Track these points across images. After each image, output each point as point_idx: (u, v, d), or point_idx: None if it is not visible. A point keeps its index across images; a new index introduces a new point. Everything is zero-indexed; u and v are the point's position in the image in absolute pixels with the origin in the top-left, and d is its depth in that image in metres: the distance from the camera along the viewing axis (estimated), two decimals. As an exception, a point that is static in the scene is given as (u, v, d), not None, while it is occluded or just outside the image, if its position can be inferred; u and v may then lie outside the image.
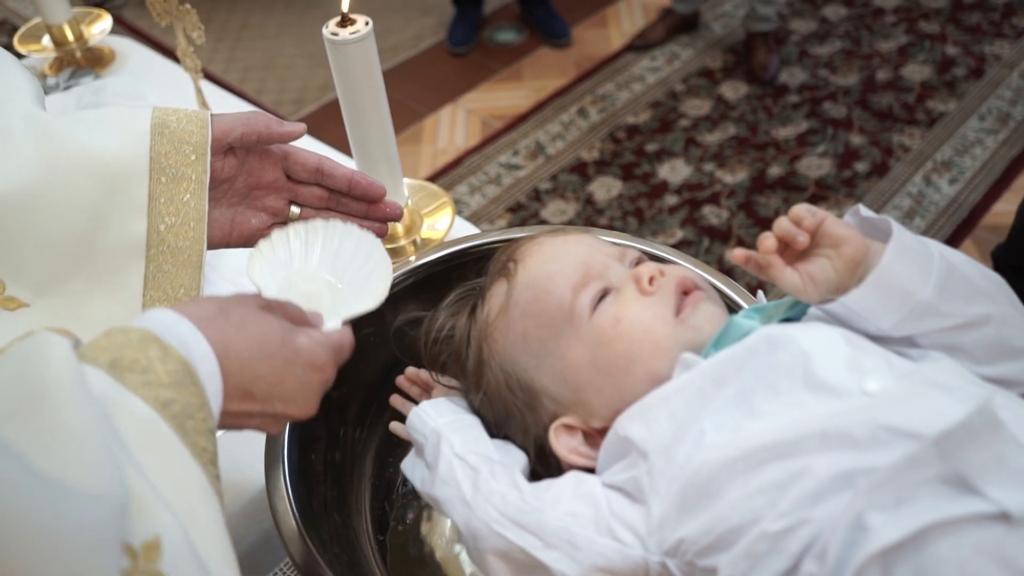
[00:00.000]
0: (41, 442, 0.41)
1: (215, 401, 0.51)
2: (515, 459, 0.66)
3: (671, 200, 2.51)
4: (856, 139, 2.66)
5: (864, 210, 0.61)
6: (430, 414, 0.68)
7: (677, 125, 2.80)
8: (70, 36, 1.46)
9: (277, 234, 0.68)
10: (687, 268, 0.69)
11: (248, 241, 0.73)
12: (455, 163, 2.72)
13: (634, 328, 0.62)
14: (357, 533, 0.79)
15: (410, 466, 0.70)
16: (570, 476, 0.61)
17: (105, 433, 0.43)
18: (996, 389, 0.54)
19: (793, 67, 3.01)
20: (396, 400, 0.78)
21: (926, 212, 2.40)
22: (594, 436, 0.64)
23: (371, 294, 0.67)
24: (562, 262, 0.67)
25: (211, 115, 0.71)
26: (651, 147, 2.71)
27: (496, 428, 0.70)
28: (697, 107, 2.87)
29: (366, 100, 0.91)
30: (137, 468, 0.43)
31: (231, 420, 0.55)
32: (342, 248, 0.69)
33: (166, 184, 0.67)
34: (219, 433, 0.51)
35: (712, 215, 2.45)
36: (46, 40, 1.47)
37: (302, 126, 0.72)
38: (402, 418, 0.74)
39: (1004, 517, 0.44)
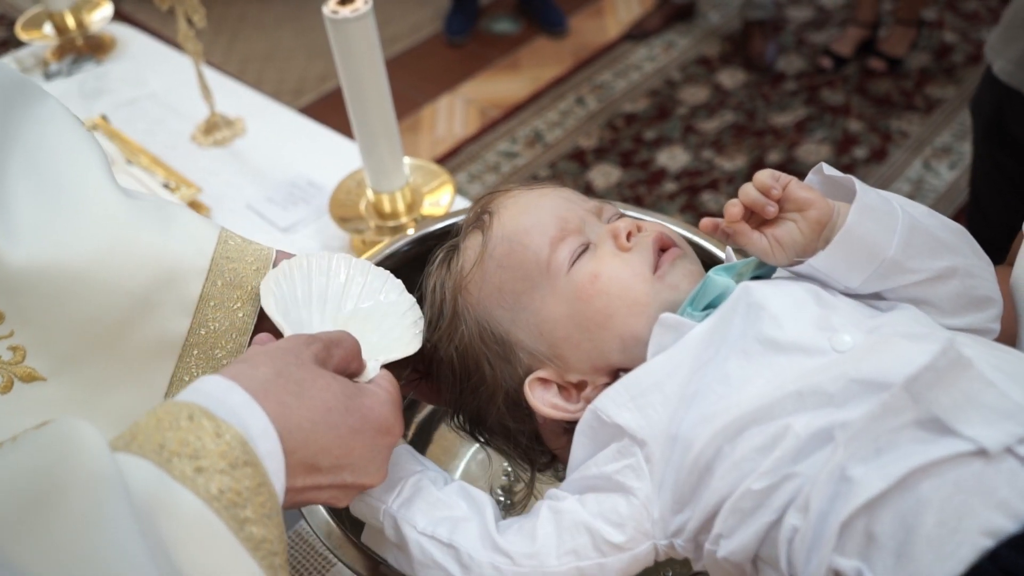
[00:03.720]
0: (54, 562, 0.37)
1: (277, 481, 0.47)
2: (480, 509, 0.61)
3: (670, 187, 2.52)
4: (854, 125, 2.67)
5: (827, 168, 0.62)
6: (373, 495, 0.62)
7: (675, 113, 2.80)
8: (71, 23, 1.47)
9: (277, 274, 0.65)
10: (664, 225, 0.69)
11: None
12: (454, 151, 2.72)
13: (612, 285, 0.62)
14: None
15: (372, 540, 0.64)
16: (544, 512, 0.59)
17: (141, 555, 0.38)
18: (960, 333, 0.55)
19: (790, 54, 3.02)
20: None
21: (925, 198, 2.41)
22: (569, 389, 0.64)
23: (405, 335, 0.65)
24: (539, 215, 0.66)
25: (281, 251, 0.69)
26: (649, 134, 2.72)
27: (453, 391, 0.68)
28: (695, 95, 2.88)
29: (367, 78, 0.92)
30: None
31: (296, 497, 0.51)
32: (350, 282, 0.67)
33: (220, 288, 0.64)
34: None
35: (711, 201, 2.45)
36: (47, 28, 1.48)
37: None
38: None
39: (981, 453, 0.45)
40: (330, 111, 2.36)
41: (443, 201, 1.07)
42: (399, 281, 0.69)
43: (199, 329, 0.63)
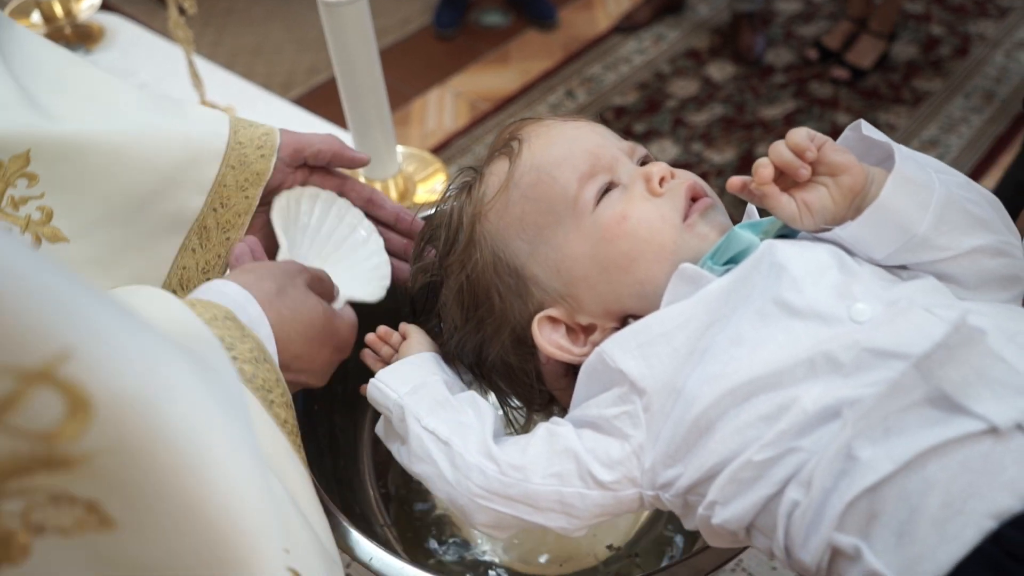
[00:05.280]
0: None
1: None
2: (483, 417, 0.62)
3: (660, 179, 2.52)
4: (843, 118, 2.67)
5: (866, 127, 0.59)
6: (389, 384, 0.65)
7: (664, 106, 2.81)
8: (59, 12, 1.45)
9: (290, 196, 0.73)
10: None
11: (300, 141, 0.77)
12: (444, 145, 2.72)
13: (640, 228, 0.60)
14: (361, 481, 0.80)
15: (384, 433, 0.67)
16: (541, 431, 0.60)
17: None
18: (975, 305, 0.53)
19: (779, 47, 3.02)
20: (367, 356, 0.73)
21: (912, 189, 2.42)
22: (577, 332, 0.63)
23: (372, 285, 0.72)
24: (571, 148, 0.64)
25: (286, 130, 0.75)
26: (639, 127, 2.72)
27: (460, 322, 0.67)
28: (684, 88, 2.88)
29: (361, 63, 0.92)
30: None
31: None
32: (341, 223, 0.74)
33: (232, 171, 0.70)
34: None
35: (701, 194, 2.46)
36: (35, 16, 1.46)
37: (367, 156, 0.78)
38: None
39: (991, 431, 0.44)
40: (320, 104, 2.34)
41: (436, 189, 1.07)
42: (369, 222, 0.76)
43: (211, 207, 0.70)
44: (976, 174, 2.45)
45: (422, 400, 0.63)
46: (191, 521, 0.34)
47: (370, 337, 0.71)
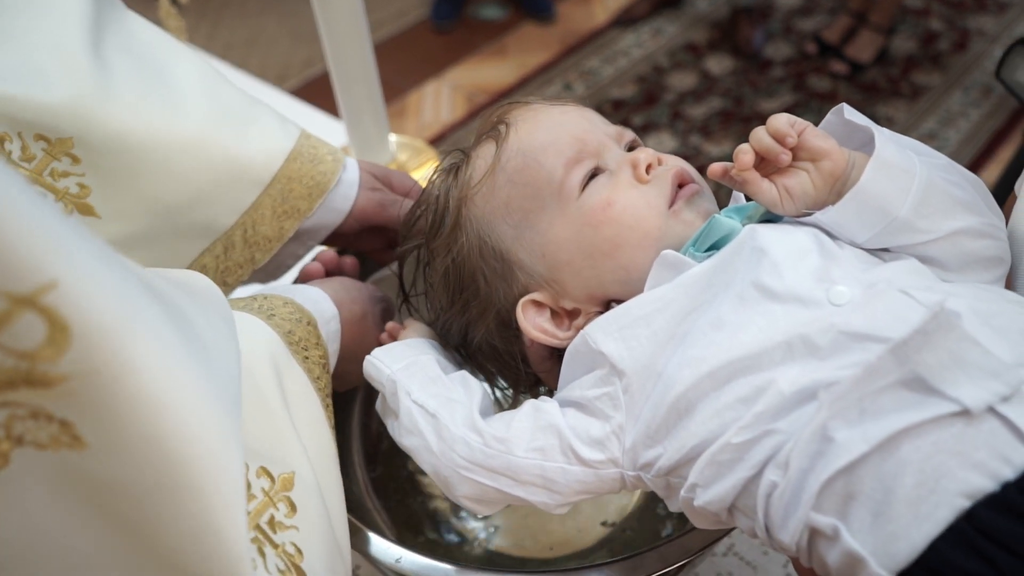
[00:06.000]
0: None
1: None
2: (472, 394, 0.64)
3: (657, 173, 2.51)
4: (841, 112, 2.66)
5: (848, 111, 0.59)
6: (384, 361, 0.66)
7: (663, 99, 2.79)
8: (50, 0, 1.44)
9: None
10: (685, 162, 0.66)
11: (377, 220, 0.80)
12: (440, 137, 2.71)
13: (625, 214, 0.60)
14: (347, 467, 0.80)
15: (381, 409, 0.68)
16: (527, 407, 0.61)
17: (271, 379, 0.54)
18: (953, 288, 0.53)
19: (778, 41, 3.01)
20: None
21: (911, 183, 2.41)
22: (561, 315, 0.63)
23: None
24: (557, 133, 0.64)
25: (379, 195, 0.78)
26: (637, 120, 2.71)
27: (446, 304, 0.68)
28: (682, 81, 2.87)
29: (353, 52, 0.91)
30: (293, 419, 0.54)
31: None
32: None
33: (271, 200, 0.72)
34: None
35: (698, 187, 2.45)
36: (25, 5, 1.45)
37: None
38: None
39: (964, 413, 0.44)
40: (314, 96, 2.33)
41: (430, 178, 1.06)
42: None
43: (241, 227, 0.72)
44: (974, 168, 2.43)
45: (414, 376, 0.64)
46: (152, 449, 0.37)
47: (382, 336, 0.73)
